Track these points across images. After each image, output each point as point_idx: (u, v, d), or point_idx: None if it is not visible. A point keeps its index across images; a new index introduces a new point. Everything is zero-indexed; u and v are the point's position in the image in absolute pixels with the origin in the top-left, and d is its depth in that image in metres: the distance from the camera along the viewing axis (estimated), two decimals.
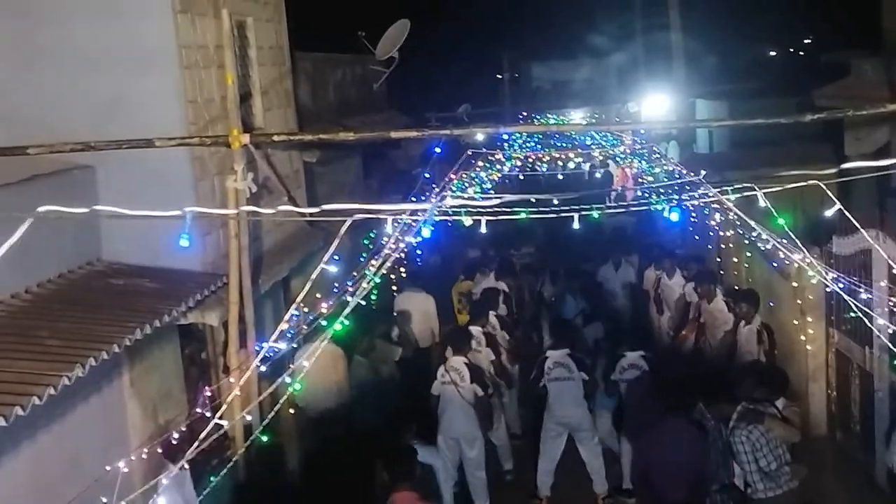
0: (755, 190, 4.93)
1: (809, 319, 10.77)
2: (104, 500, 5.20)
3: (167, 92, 7.91)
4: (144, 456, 6.52)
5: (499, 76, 36.54)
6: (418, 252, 13.51)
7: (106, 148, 6.94)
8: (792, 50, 35.79)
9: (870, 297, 8.02)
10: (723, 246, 14.44)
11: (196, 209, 6.40)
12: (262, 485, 7.65)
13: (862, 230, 6.60)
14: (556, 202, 4.85)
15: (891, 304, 8.17)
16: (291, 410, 9.33)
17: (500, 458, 10.95)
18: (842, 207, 5.00)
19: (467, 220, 4.62)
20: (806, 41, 33.55)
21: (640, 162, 14.65)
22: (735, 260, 13.75)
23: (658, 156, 14.88)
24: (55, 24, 7.87)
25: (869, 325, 6.87)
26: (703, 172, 9.40)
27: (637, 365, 10.09)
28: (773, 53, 34.88)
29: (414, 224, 6.49)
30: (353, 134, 8.13)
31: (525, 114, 27.01)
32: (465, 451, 9.81)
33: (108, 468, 5.60)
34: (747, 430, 7.57)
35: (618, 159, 14.49)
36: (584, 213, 4.47)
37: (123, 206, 7.53)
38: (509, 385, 11.22)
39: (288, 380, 6.92)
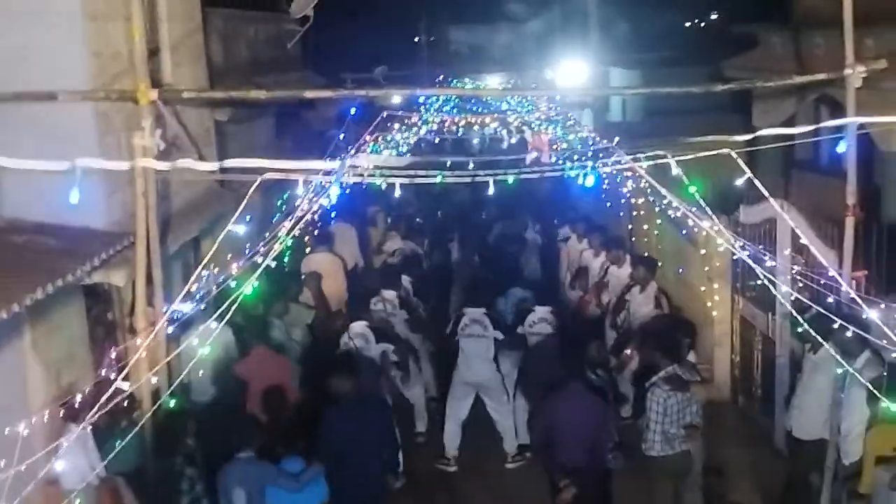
0: (667, 157, 4.99)
1: (716, 286, 11.04)
2: (2, 463, 5.03)
3: (71, 44, 7.59)
4: (46, 419, 6.35)
5: (416, 39, 36.28)
6: (331, 213, 13.44)
7: (5, 100, 6.70)
8: (704, 20, 36.34)
9: (774, 265, 8.24)
10: (634, 213, 14.67)
11: (87, 161, 6.23)
12: (169, 447, 7.51)
13: (770, 198, 6.75)
14: (471, 165, 4.84)
15: (794, 272, 8.40)
16: (200, 373, 9.21)
17: (415, 418, 11.03)
18: (752, 176, 5.08)
19: (379, 181, 4.57)
20: (717, 12, 34.09)
21: (555, 129, 14.76)
22: (646, 227, 13.99)
23: (572, 123, 15.01)
24: None
25: (774, 291, 7.06)
26: (616, 139, 9.49)
27: (546, 319, 10.29)
28: (686, 24, 35.37)
29: (326, 184, 6.40)
30: (265, 92, 8.03)
31: (442, 77, 26.87)
32: None
33: (6, 431, 5.43)
34: (666, 394, 7.75)
35: (533, 126, 14.56)
36: (498, 177, 4.46)
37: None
38: (426, 339, 11.32)
39: (196, 342, 6.82)
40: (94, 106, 7.55)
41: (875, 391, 6.29)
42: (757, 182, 5.49)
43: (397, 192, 4.35)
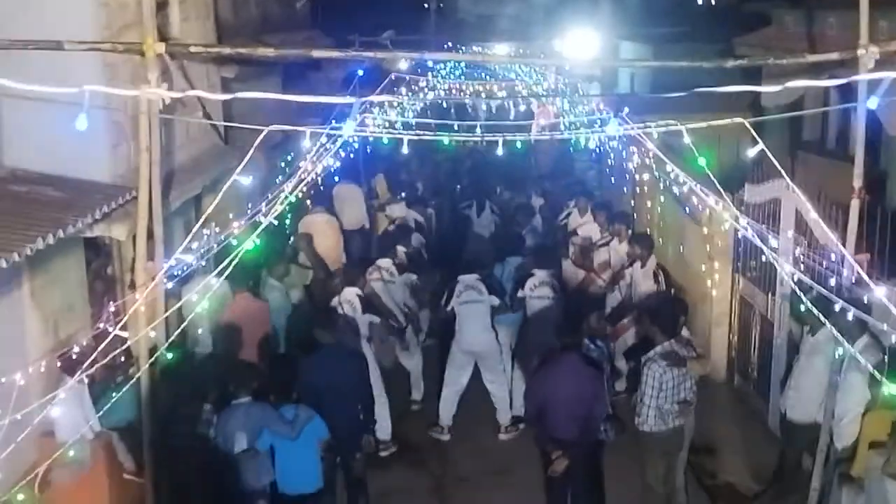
0: (678, 126, 4.94)
1: (717, 265, 11.01)
2: None
3: None
4: (42, 369, 6.35)
5: (425, 5, 35.99)
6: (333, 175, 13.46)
7: (10, 47, 6.62)
8: None
9: (776, 245, 8.22)
10: (637, 189, 14.63)
11: (95, 87, 6.17)
12: (165, 403, 7.54)
13: (781, 170, 6.69)
14: (478, 130, 4.80)
15: (796, 253, 8.38)
16: (199, 330, 9.22)
17: (412, 386, 11.05)
18: (764, 147, 5.05)
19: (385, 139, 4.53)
20: None
21: (562, 100, 14.69)
22: (649, 204, 13.95)
23: (580, 94, 14.94)
24: None
25: (777, 270, 7.03)
26: (625, 110, 9.43)
27: (547, 282, 10.30)
28: (699, 1, 35.06)
29: (331, 145, 6.36)
30: (273, 50, 7.95)
31: (450, 44, 26.68)
32: None
33: (2, 380, 5.43)
34: (662, 370, 7.75)
35: (540, 97, 14.50)
36: (507, 139, 4.42)
37: (27, 113, 7.28)
38: (423, 308, 11.30)
39: (195, 297, 6.80)
40: (100, 57, 7.49)
41: (875, 374, 6.28)
42: (769, 154, 5.43)
43: (404, 149, 4.30)
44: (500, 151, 4.30)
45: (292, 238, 12.45)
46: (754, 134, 5.18)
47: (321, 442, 7.74)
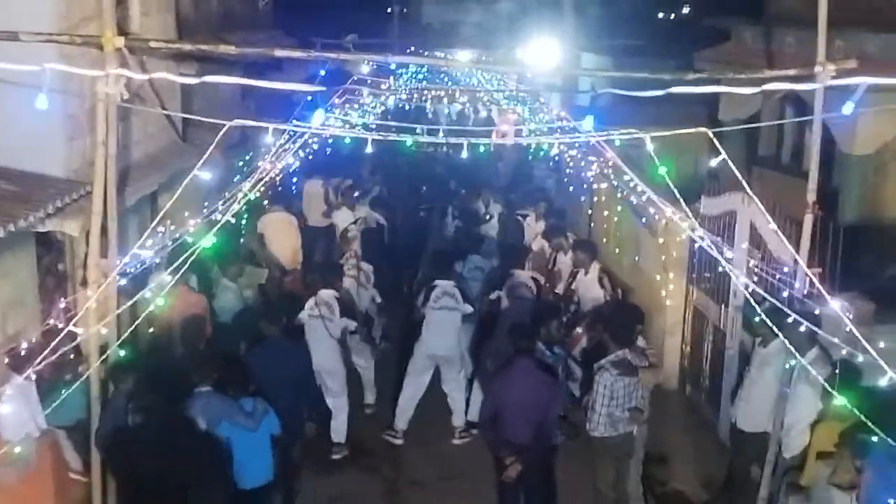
0: (641, 134, 4.98)
1: (671, 276, 11.12)
2: None
3: None
4: None
5: (388, 10, 35.98)
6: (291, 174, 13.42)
7: None
8: (677, 12, 36.45)
9: (731, 257, 8.31)
10: (595, 199, 14.72)
11: (56, 65, 6.08)
12: (113, 401, 7.43)
13: (743, 182, 6.77)
14: (440, 134, 4.80)
15: (751, 265, 8.48)
16: (150, 329, 9.10)
17: (365, 389, 11.01)
18: (726, 157, 5.10)
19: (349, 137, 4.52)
20: (690, 4, 34.20)
21: (523, 108, 14.75)
22: (605, 213, 14.04)
23: (543, 102, 15.01)
24: None
25: (732, 281, 7.10)
26: (587, 117, 9.48)
27: (526, 284, 10.36)
28: (659, 15, 35.44)
29: (291, 145, 6.32)
30: (234, 48, 7.88)
31: (412, 49, 26.70)
32: (327, 382, 9.80)
33: None
34: (614, 378, 7.80)
35: (501, 103, 14.55)
36: (471, 142, 4.42)
37: None
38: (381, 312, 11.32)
39: (148, 296, 6.71)
40: (58, 49, 7.36)
41: (825, 387, 6.38)
42: (731, 164, 5.48)
43: (368, 149, 4.30)
44: (464, 154, 4.31)
45: (251, 238, 12.37)
46: (717, 145, 5.22)
47: (274, 437, 7.82)
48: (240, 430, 7.55)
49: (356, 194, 14.41)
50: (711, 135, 4.94)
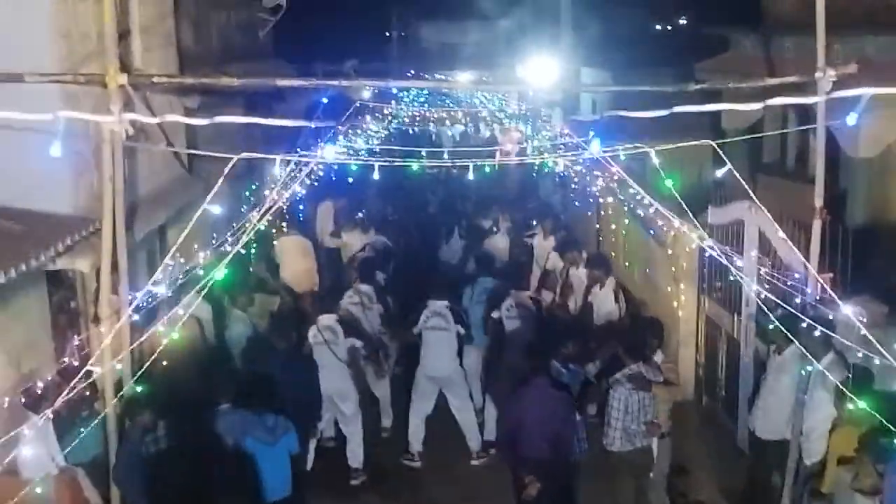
0: (646, 150, 4.99)
1: (682, 286, 11.10)
2: None
3: (38, 24, 7.48)
4: (5, 406, 6.24)
5: (387, 34, 36.21)
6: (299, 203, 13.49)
7: None
8: (675, 23, 36.59)
9: (741, 266, 8.31)
10: (602, 213, 14.72)
11: (68, 113, 6.13)
12: (130, 434, 7.45)
13: (749, 191, 6.78)
14: (445, 156, 4.82)
15: (761, 272, 8.46)
16: (164, 363, 9.11)
17: (381, 413, 11.00)
18: (731, 167, 5.11)
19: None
20: (688, 15, 34.33)
21: (525, 126, 14.79)
22: (613, 227, 14.04)
23: (547, 119, 15.05)
24: None
25: (744, 290, 7.09)
26: (591, 134, 9.51)
27: (524, 304, 10.33)
28: (657, 27, 35.56)
29: (298, 174, 6.35)
30: (236, 80, 7.92)
31: (413, 73, 26.84)
32: (340, 406, 9.81)
33: None
34: (628, 392, 7.79)
35: (504, 121, 14.60)
36: (476, 163, 4.44)
37: None
38: (396, 335, 11.28)
39: (162, 329, 6.73)
40: (61, 89, 7.42)
41: (843, 391, 6.35)
42: (737, 174, 5.49)
43: (376, 175, 4.33)
44: (470, 176, 4.34)
45: (256, 267, 12.40)
46: (722, 155, 5.24)
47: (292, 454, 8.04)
48: (261, 445, 7.74)
49: (360, 216, 14.47)
50: (716, 146, 4.94)
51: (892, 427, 5.53)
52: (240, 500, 7.50)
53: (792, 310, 6.68)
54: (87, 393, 7.17)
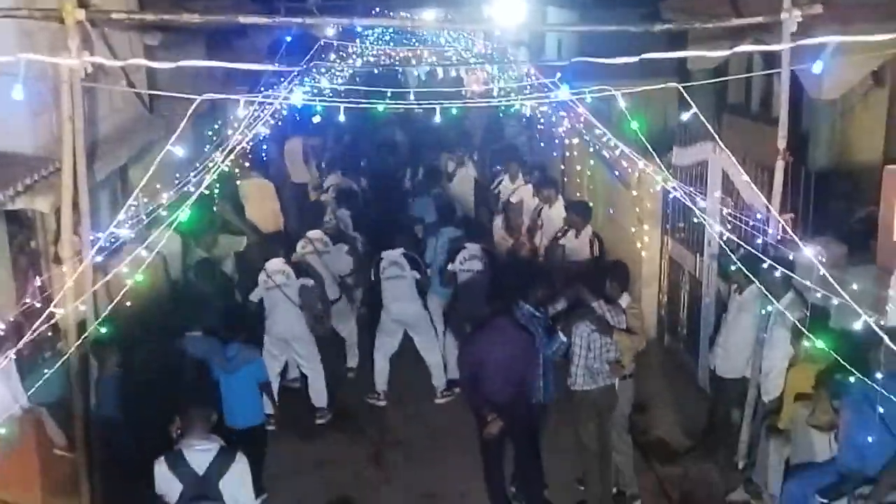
0: (612, 92, 4.99)
1: (646, 227, 11.17)
2: None
3: None
4: None
5: None
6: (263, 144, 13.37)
7: None
8: None
9: (704, 207, 8.37)
10: (567, 154, 14.71)
11: (30, 55, 6.00)
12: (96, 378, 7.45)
13: (713, 133, 6.81)
14: (412, 96, 4.78)
15: (723, 213, 8.53)
16: (128, 304, 9.05)
17: (347, 353, 11.06)
18: (697, 111, 5.13)
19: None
20: None
21: (492, 67, 14.68)
22: (578, 168, 14.05)
23: (511, 60, 14.94)
24: None
25: (709, 229, 7.15)
26: (557, 75, 9.46)
27: (477, 256, 10.38)
28: None
29: (262, 112, 6.26)
30: (198, 16, 7.77)
31: (378, 10, 26.42)
32: (296, 348, 9.87)
33: None
34: (590, 330, 7.85)
35: (470, 62, 14.48)
36: (443, 105, 4.42)
37: None
38: (361, 283, 11.26)
39: (125, 270, 6.67)
40: (17, 26, 7.24)
41: (800, 330, 6.47)
42: (702, 117, 5.51)
43: (341, 117, 4.28)
44: (437, 118, 4.31)
45: (217, 207, 12.30)
46: (687, 98, 5.25)
47: (260, 383, 8.35)
48: (222, 373, 8.09)
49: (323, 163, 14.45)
50: (682, 89, 4.94)
51: (847, 365, 5.64)
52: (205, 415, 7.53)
53: (753, 250, 6.76)
54: (50, 334, 7.14)
